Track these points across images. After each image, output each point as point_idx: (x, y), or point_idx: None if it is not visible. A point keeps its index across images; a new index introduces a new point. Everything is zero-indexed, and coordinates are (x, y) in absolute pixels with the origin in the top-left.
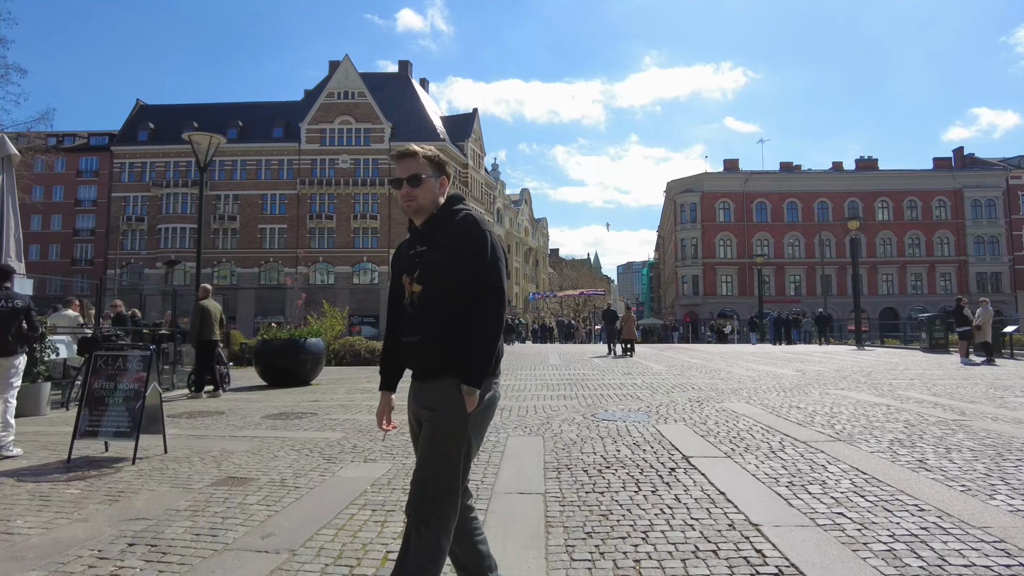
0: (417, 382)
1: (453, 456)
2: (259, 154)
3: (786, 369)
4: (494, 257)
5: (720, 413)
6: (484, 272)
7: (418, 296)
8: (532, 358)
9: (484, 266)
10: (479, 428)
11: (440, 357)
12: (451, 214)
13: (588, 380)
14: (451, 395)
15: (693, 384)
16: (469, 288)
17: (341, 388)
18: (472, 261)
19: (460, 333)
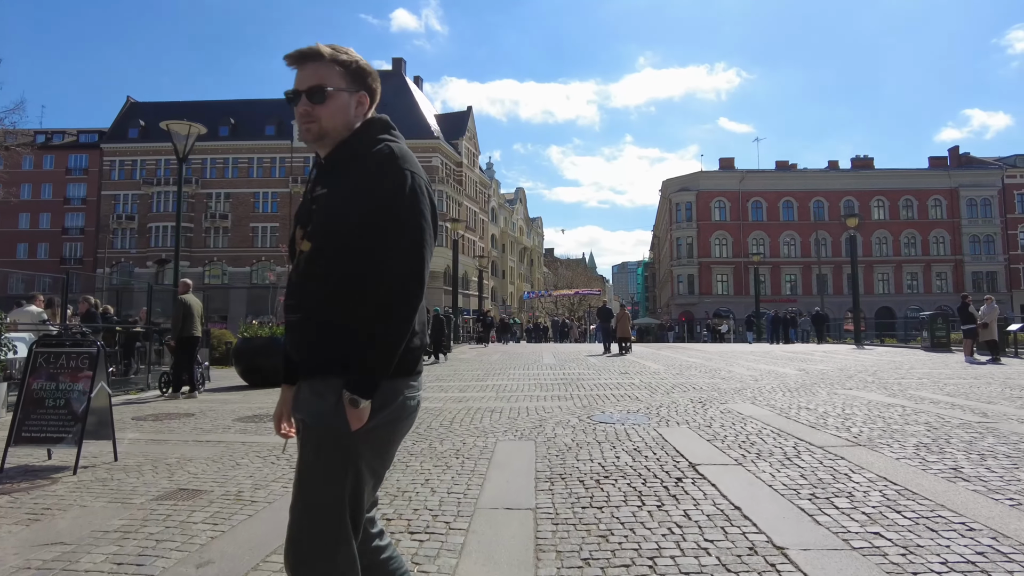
0: (300, 379)
1: (330, 495)
2: (251, 152)
3: (788, 368)
4: (412, 209)
5: (725, 415)
6: (394, 229)
7: (305, 258)
8: (526, 357)
9: (395, 221)
10: (376, 453)
11: (319, 347)
12: (366, 144)
13: (584, 380)
14: (330, 403)
15: (694, 384)
16: (371, 250)
17: None
18: (379, 213)
19: (351, 314)
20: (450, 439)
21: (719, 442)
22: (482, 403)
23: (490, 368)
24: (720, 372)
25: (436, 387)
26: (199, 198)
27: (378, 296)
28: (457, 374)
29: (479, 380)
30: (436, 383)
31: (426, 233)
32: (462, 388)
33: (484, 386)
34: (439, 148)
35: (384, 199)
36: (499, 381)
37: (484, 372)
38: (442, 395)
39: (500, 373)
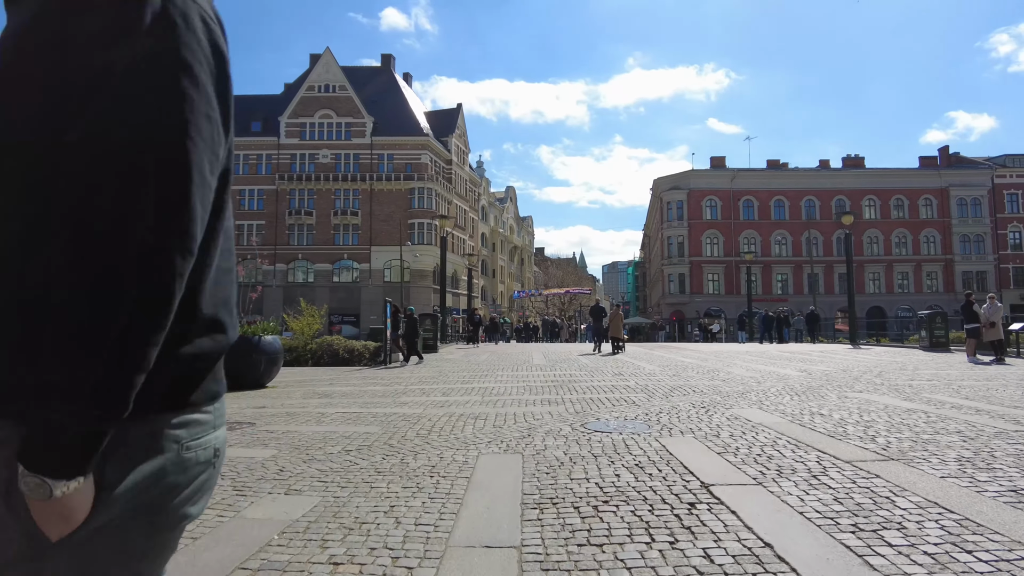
0: None
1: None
2: (237, 148)
3: (789, 369)
4: (164, 65)
5: (732, 422)
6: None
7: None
8: (515, 358)
9: (126, 87)
10: (112, 567)
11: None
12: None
13: (576, 382)
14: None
15: (693, 386)
16: (63, 155)
17: (297, 392)
18: (81, 70)
19: (27, 293)
20: (426, 453)
21: (731, 455)
22: (466, 408)
23: (477, 369)
24: (719, 373)
25: (417, 391)
26: None
27: (81, 254)
28: (442, 376)
29: (464, 383)
30: (418, 386)
31: (195, 119)
32: (445, 392)
33: (469, 389)
34: (429, 145)
35: (102, 38)
36: (485, 384)
37: (470, 374)
38: (423, 399)
39: (487, 375)
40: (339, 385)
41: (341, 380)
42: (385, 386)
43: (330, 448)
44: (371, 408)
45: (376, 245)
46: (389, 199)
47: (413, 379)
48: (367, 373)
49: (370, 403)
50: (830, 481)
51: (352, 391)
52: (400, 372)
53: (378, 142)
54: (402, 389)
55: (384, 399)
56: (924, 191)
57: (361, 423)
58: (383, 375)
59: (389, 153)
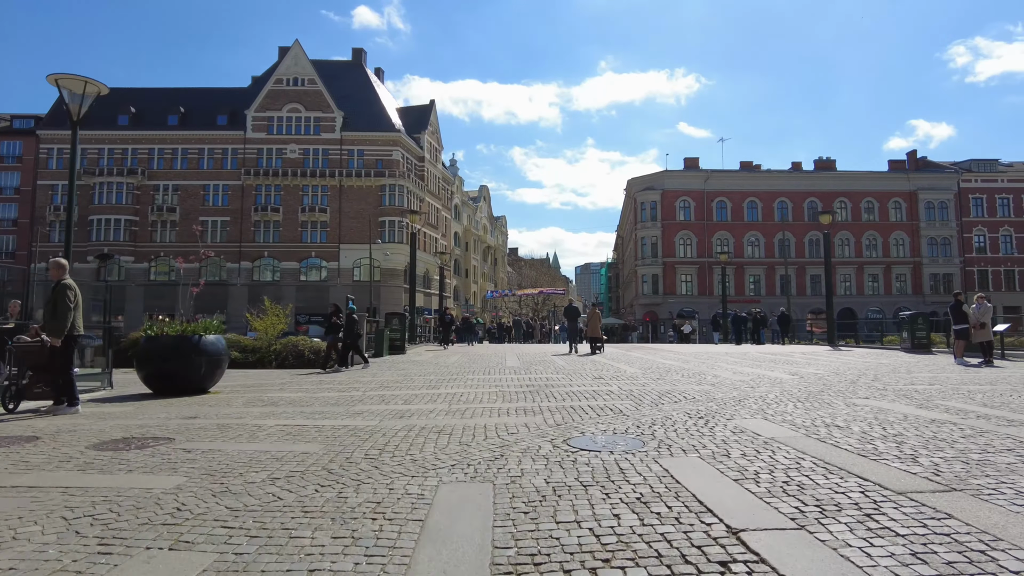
0: None
1: None
2: (201, 142)
3: (778, 372)
4: None
5: (739, 436)
6: None
7: None
8: (487, 360)
9: None
10: None
11: None
12: None
13: (554, 387)
14: None
15: (682, 392)
16: None
17: (240, 399)
18: None
19: None
20: (372, 483)
21: (752, 483)
22: (429, 420)
23: (446, 372)
24: (705, 376)
25: (376, 398)
26: (145, 190)
27: None
28: (406, 380)
29: (430, 387)
30: (377, 392)
31: None
32: (407, 399)
33: (435, 396)
34: (400, 141)
35: None
36: (454, 389)
37: (438, 377)
38: (381, 408)
39: (456, 379)
40: (290, 390)
41: (294, 385)
42: (340, 392)
43: (253, 475)
44: (318, 419)
45: (345, 243)
46: (359, 196)
47: (374, 384)
48: (325, 377)
49: (319, 413)
50: (893, 524)
51: (302, 398)
52: (361, 376)
53: (348, 137)
54: (359, 396)
55: (336, 408)
56: (893, 194)
57: (302, 439)
58: (342, 379)
59: (359, 149)
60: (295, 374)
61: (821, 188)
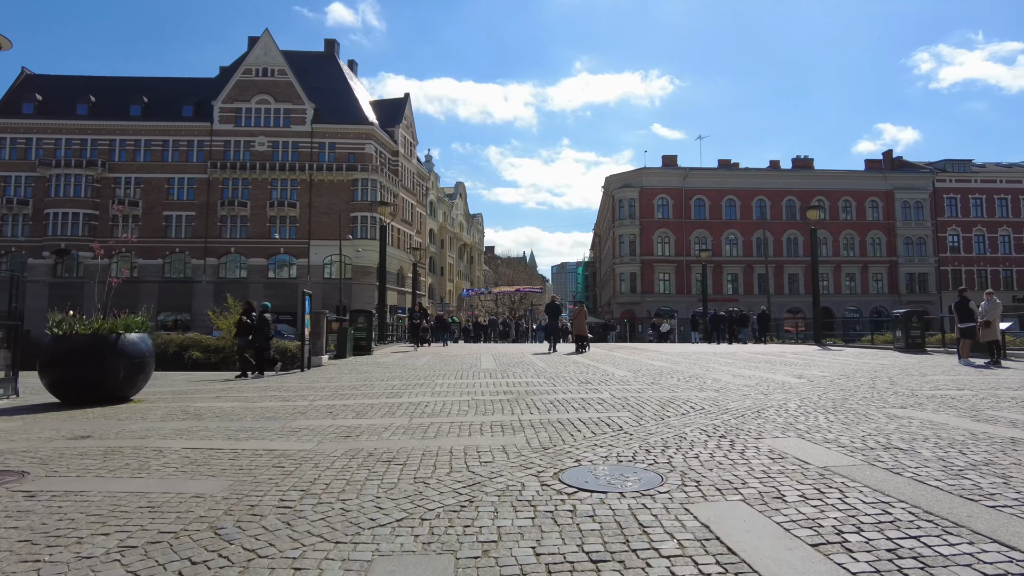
0: None
1: None
2: (166, 133)
3: (780, 375)
4: None
5: (782, 465)
6: None
7: None
8: (460, 361)
9: None
10: None
11: None
12: None
13: (535, 394)
14: None
15: (686, 399)
16: None
17: (162, 409)
18: None
19: None
20: (270, 559)
21: (844, 555)
22: (380, 441)
23: (412, 376)
24: (704, 380)
25: (324, 410)
26: (105, 183)
27: None
28: (366, 385)
29: (391, 395)
30: (327, 401)
31: None
32: (361, 410)
33: (394, 407)
34: (373, 135)
35: None
36: (418, 397)
37: (403, 383)
38: (325, 424)
39: (423, 384)
40: (227, 398)
41: (235, 391)
42: (284, 401)
43: (96, 542)
44: (242, 440)
45: (315, 239)
46: (330, 190)
47: (327, 391)
48: (275, 381)
49: (247, 431)
50: None
51: (235, 409)
52: (316, 379)
53: (319, 130)
54: (304, 407)
55: (270, 424)
56: (870, 193)
57: (205, 472)
58: (292, 384)
59: (331, 142)
60: (250, 377)
61: (799, 187)
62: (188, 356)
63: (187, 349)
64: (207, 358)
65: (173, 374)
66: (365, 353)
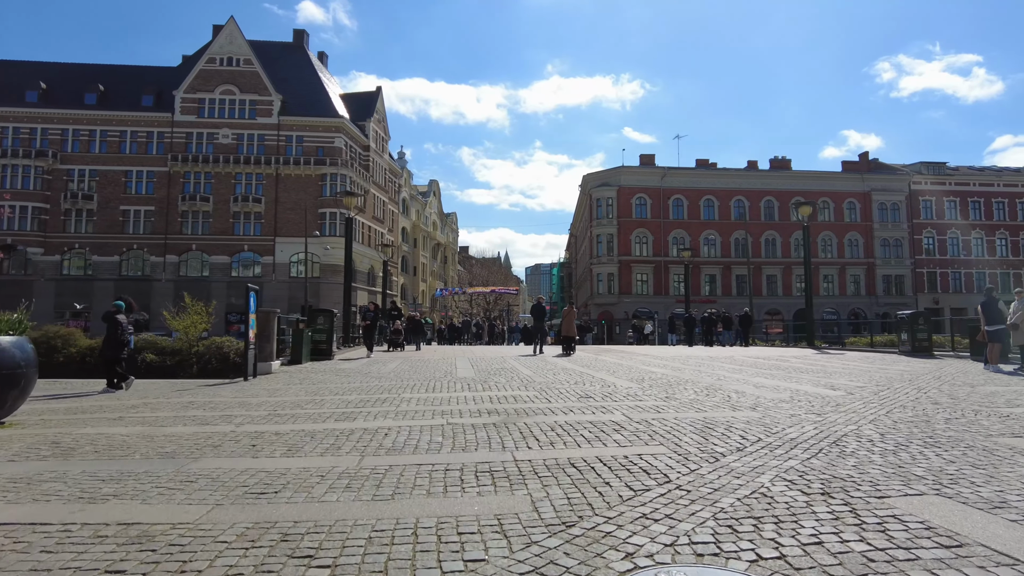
0: None
1: None
2: (123, 124)
3: (806, 385)
4: None
5: (964, 566)
6: None
7: None
8: (433, 367)
9: None
10: None
11: None
12: None
13: (529, 414)
14: None
15: (727, 424)
16: None
17: (20, 442)
18: None
19: None
20: None
21: None
22: (306, 508)
23: (374, 388)
24: (727, 394)
25: (247, 440)
26: (57, 174)
27: None
28: (313, 402)
29: (342, 418)
30: (257, 426)
31: None
32: (295, 443)
33: (342, 436)
34: (343, 128)
35: None
36: (377, 421)
37: (361, 397)
38: (239, 467)
39: (386, 400)
40: (130, 420)
41: (153, 406)
42: (202, 425)
43: None
44: (96, 502)
45: (282, 236)
46: (297, 185)
47: (264, 409)
48: (205, 394)
49: (120, 478)
50: None
51: (131, 437)
52: (256, 392)
53: (286, 122)
54: (224, 435)
55: (164, 465)
56: (848, 194)
57: None
58: (226, 397)
59: (299, 135)
60: (197, 384)
61: (777, 187)
62: (142, 359)
63: (140, 351)
64: (162, 361)
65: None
66: (325, 358)
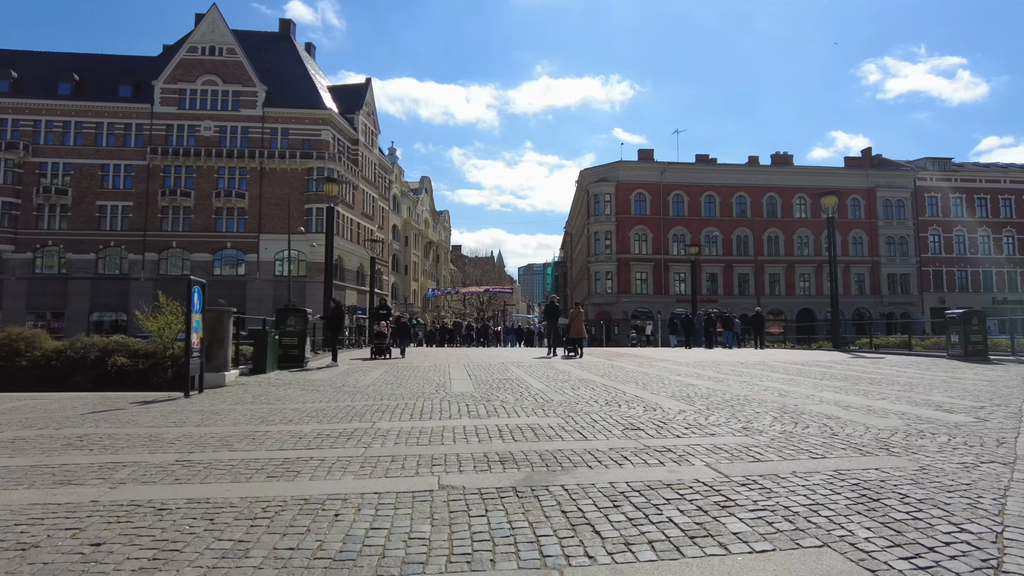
0: None
1: None
2: (100, 115)
3: (901, 404)
4: None
5: None
6: None
7: None
8: (422, 378)
9: None
10: None
11: None
12: None
13: (563, 464)
14: None
15: (883, 482)
16: None
17: None
18: None
19: None
20: None
21: None
22: None
23: (343, 413)
24: (818, 420)
25: (91, 532)
26: (29, 168)
27: None
28: (250, 438)
29: (278, 473)
30: (137, 489)
31: None
32: (162, 547)
33: (257, 523)
34: (331, 120)
35: None
36: (326, 482)
37: (319, 430)
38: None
39: (353, 435)
40: (24, 452)
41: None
42: (53, 487)
43: None
44: None
45: (266, 233)
46: (283, 180)
47: (172, 451)
48: (131, 416)
49: None
50: None
51: None
52: (186, 417)
53: (271, 114)
54: (72, 509)
55: None
56: (852, 191)
57: None
58: (141, 427)
59: (284, 127)
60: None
61: (780, 183)
62: (112, 363)
63: (111, 354)
64: (134, 364)
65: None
66: (296, 365)
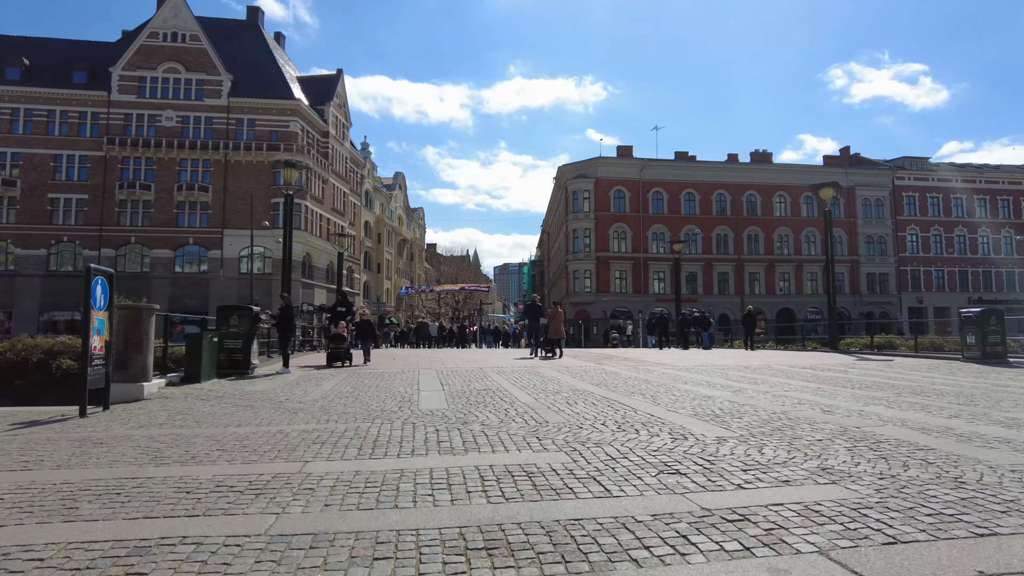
0: None
1: None
2: (52, 102)
3: (977, 424)
4: None
5: None
6: None
7: None
8: (385, 390)
9: None
10: None
11: None
12: None
13: (587, 560)
14: None
15: None
16: None
17: None
18: None
19: None
20: None
21: None
22: None
23: (269, 444)
24: (903, 448)
25: None
26: None
27: None
28: (119, 490)
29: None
30: None
31: None
32: None
33: None
34: (300, 111)
35: None
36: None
37: (229, 472)
38: None
39: (265, 487)
40: None
41: None
42: None
43: None
44: None
45: (230, 228)
46: (248, 173)
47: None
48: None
49: None
50: None
51: None
52: (65, 446)
53: (237, 104)
54: None
55: None
56: None
57: None
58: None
59: (250, 118)
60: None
61: (760, 181)
62: (57, 366)
63: (56, 356)
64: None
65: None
66: (239, 371)
